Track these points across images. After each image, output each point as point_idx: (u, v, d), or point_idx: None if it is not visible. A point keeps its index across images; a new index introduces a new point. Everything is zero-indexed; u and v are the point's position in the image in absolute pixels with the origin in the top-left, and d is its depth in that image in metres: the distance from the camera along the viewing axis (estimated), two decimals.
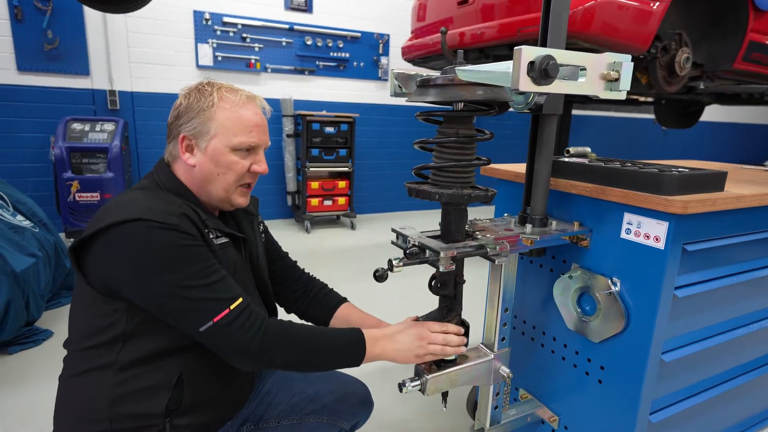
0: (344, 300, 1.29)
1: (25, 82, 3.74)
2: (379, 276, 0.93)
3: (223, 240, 1.00)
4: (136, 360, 0.89)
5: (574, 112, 6.19)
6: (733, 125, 8.28)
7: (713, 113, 7.49)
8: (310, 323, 1.24)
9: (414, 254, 0.91)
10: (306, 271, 1.33)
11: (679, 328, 1.12)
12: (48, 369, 2.02)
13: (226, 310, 0.85)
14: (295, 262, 1.32)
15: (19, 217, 2.39)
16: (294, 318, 1.31)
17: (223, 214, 1.10)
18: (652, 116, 6.61)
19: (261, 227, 1.21)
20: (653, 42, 2.31)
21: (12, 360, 2.09)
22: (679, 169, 1.09)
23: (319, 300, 1.26)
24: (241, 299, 0.88)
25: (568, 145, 4.29)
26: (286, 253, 1.32)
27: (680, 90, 2.80)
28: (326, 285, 1.32)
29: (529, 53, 0.71)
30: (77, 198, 3.37)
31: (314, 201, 4.53)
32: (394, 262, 0.91)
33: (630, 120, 7.16)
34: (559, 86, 0.77)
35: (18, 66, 3.68)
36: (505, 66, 0.77)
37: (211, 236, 0.95)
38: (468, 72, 0.82)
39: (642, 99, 4.39)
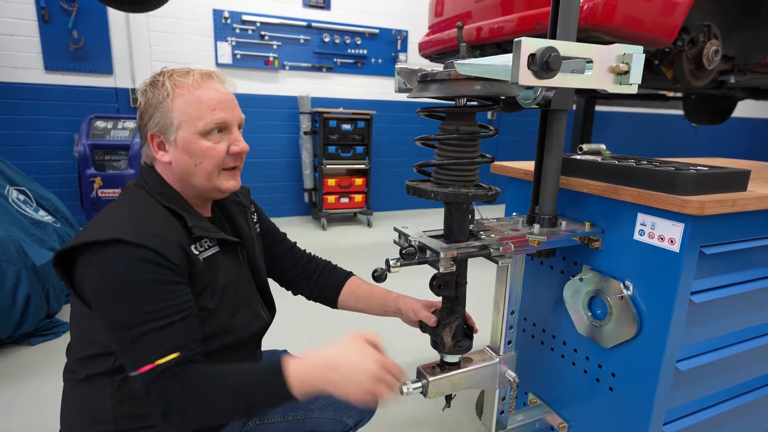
0: (350, 274, 1.26)
1: (52, 81, 3.86)
2: (378, 276, 0.91)
3: (212, 252, 0.95)
4: None
5: (600, 108, 6.02)
6: None
7: (748, 109, 7.16)
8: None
9: (410, 254, 0.88)
10: (308, 251, 1.30)
11: (695, 335, 1.06)
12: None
13: (152, 365, 0.78)
14: (295, 243, 1.29)
15: (42, 213, 2.47)
16: (302, 300, 1.29)
17: (214, 211, 1.07)
18: (681, 112, 6.39)
19: (255, 217, 1.18)
20: (679, 34, 2.20)
21: (33, 351, 2.16)
22: (698, 168, 1.03)
23: (324, 279, 1.24)
24: (176, 354, 0.79)
25: (591, 142, 4.16)
26: (284, 235, 1.29)
27: (710, 85, 2.67)
28: (329, 262, 1.29)
29: (529, 45, 0.68)
30: (100, 194, 3.46)
31: (331, 198, 4.54)
32: (391, 262, 0.88)
33: (658, 116, 6.93)
34: (563, 80, 0.73)
35: (45, 65, 3.80)
36: (506, 59, 0.73)
37: (196, 252, 0.91)
38: (467, 66, 0.79)
39: (671, 94, 4.23)
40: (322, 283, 1.24)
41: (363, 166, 4.61)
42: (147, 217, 0.88)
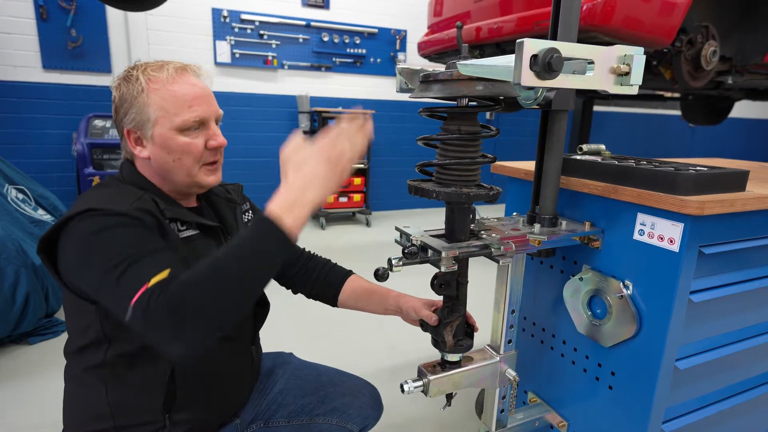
0: (350, 273, 1.26)
1: (50, 79, 3.85)
2: (380, 275, 0.91)
3: (191, 233, 0.94)
4: (126, 359, 0.89)
5: (597, 108, 6.04)
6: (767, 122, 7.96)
7: (745, 109, 7.20)
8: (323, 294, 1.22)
9: (412, 254, 0.89)
10: (307, 250, 1.30)
11: (694, 334, 1.07)
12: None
13: (143, 288, 0.69)
14: (303, 249, 1.29)
15: (41, 211, 2.46)
16: (302, 299, 1.29)
17: (200, 201, 1.06)
18: (678, 113, 6.41)
19: (247, 215, 1.17)
20: (678, 35, 2.22)
21: (32, 350, 2.16)
22: (697, 168, 1.04)
23: (324, 277, 1.24)
24: (167, 271, 0.72)
25: (588, 142, 4.18)
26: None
27: (708, 85, 2.69)
28: (329, 261, 1.28)
29: (531, 46, 0.68)
30: None
31: (329, 197, 4.54)
32: (393, 261, 0.89)
33: (656, 117, 6.95)
34: (564, 81, 0.73)
35: (43, 64, 3.79)
36: (508, 60, 0.74)
37: (173, 227, 0.90)
38: (470, 66, 0.79)
39: (668, 95, 4.25)
40: (322, 281, 1.24)
41: (362, 166, 4.61)
42: (116, 194, 0.87)
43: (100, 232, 0.78)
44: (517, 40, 0.68)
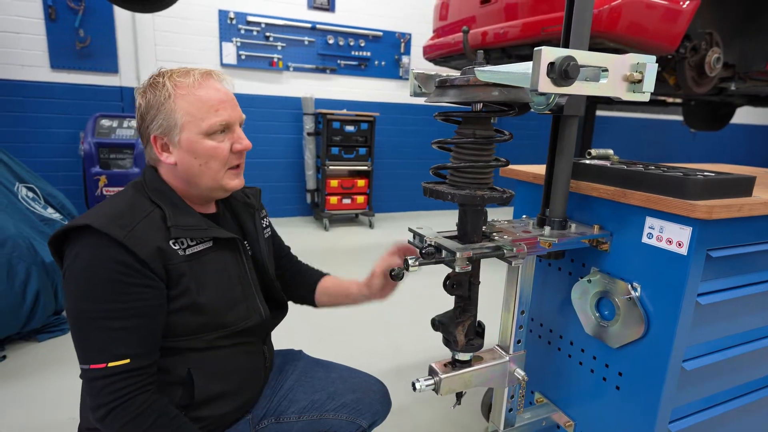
0: (324, 274, 1.31)
1: (58, 79, 3.87)
2: (395, 275, 0.93)
3: (202, 247, 0.95)
4: None
5: (599, 113, 6.07)
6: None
7: (746, 115, 7.23)
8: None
9: (430, 254, 0.91)
10: (297, 258, 1.35)
11: (701, 336, 1.09)
12: (75, 356, 2.10)
13: (103, 364, 0.82)
14: (294, 256, 1.34)
15: (50, 210, 2.48)
16: (293, 305, 1.32)
17: (218, 207, 1.07)
18: (680, 118, 6.44)
19: (265, 221, 1.19)
20: (682, 42, 2.24)
21: (41, 347, 2.18)
22: (705, 173, 1.06)
23: (299, 283, 1.29)
24: (128, 360, 0.83)
25: (591, 146, 4.22)
26: (288, 248, 1.32)
27: (710, 91, 2.72)
28: (310, 267, 1.34)
29: (549, 54, 0.71)
30: (105, 192, 3.48)
31: (333, 199, 4.56)
32: (410, 262, 0.91)
33: (657, 122, 6.98)
34: (579, 87, 0.76)
35: (51, 64, 3.81)
36: (525, 67, 0.76)
37: (176, 247, 0.90)
38: (487, 72, 0.82)
39: (670, 100, 4.28)
40: (299, 284, 1.28)
41: (365, 168, 4.63)
42: (126, 208, 0.88)
43: (89, 272, 0.82)
44: (535, 48, 0.70)
